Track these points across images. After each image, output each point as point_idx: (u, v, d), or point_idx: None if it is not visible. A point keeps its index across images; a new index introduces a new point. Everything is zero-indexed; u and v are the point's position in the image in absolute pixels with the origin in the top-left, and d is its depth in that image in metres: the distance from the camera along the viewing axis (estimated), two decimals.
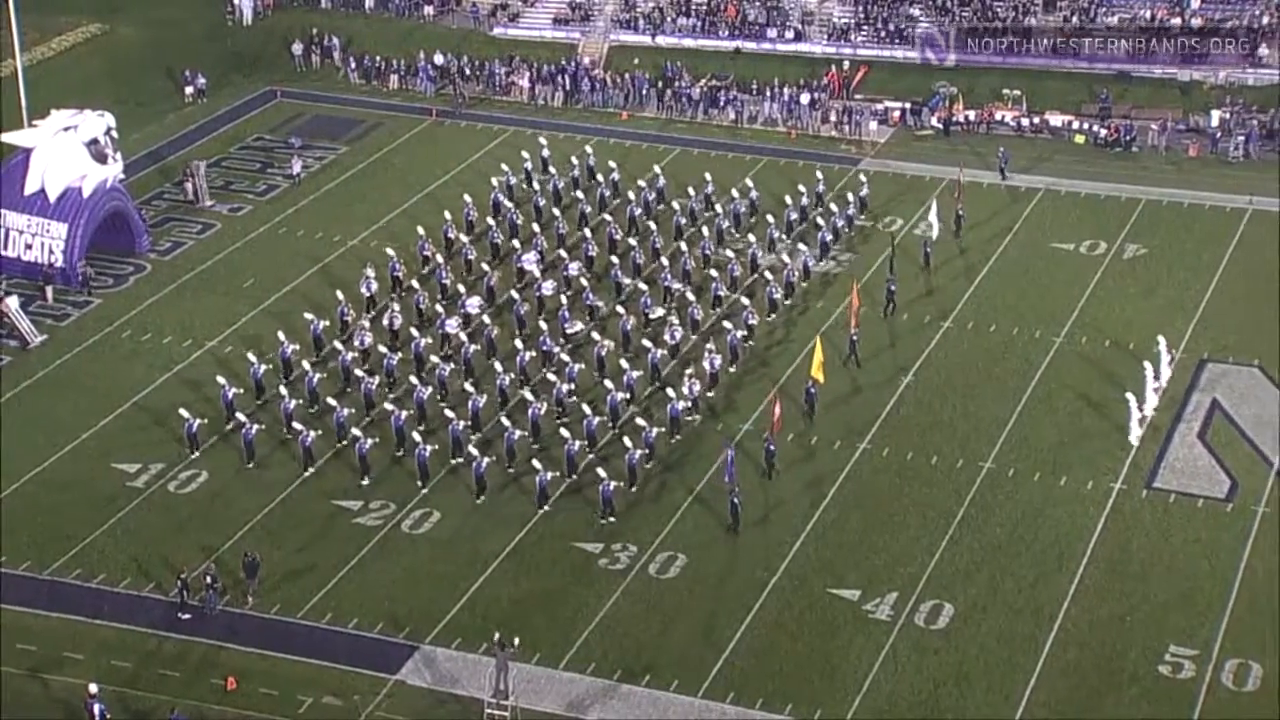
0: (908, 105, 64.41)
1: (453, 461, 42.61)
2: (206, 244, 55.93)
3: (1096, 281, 51.34)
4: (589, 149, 59.81)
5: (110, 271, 53.81)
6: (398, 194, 59.24)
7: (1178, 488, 41.38)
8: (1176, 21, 64.44)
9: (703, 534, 40.40)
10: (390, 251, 52.03)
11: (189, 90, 67.43)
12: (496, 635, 35.56)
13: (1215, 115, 61.13)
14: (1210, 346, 47.42)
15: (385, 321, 48.46)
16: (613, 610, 37.88)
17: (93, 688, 34.46)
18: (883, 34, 67.97)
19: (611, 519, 40.46)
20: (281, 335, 47.04)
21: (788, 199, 54.88)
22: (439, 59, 69.62)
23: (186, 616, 37.86)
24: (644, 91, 66.97)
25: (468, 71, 69.16)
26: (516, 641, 35.46)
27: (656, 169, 57.20)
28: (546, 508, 40.88)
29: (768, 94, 65.49)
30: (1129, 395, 42.86)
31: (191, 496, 42.39)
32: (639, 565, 39.32)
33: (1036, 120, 62.97)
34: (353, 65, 70.10)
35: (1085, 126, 62.20)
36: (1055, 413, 44.60)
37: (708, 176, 56.42)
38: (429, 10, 74.04)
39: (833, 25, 68.99)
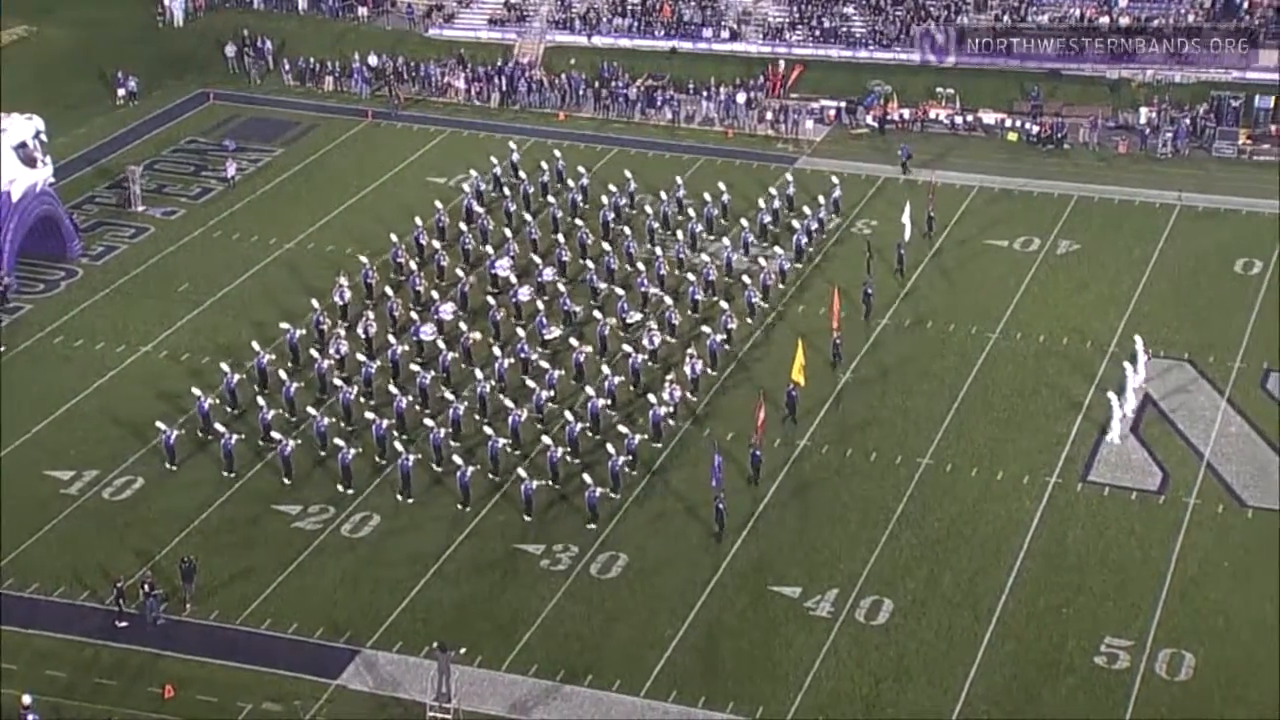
0: (843, 104, 64.83)
1: (436, 469, 42.23)
2: (139, 248, 55.33)
3: (1030, 278, 51.87)
4: (558, 153, 59.43)
5: (41, 277, 53.09)
6: (334, 196, 58.88)
7: (1111, 481, 41.89)
8: (1105, 20, 65.27)
9: (644, 534, 40.43)
10: (363, 259, 51.41)
11: (120, 93, 66.70)
12: (436, 643, 35.46)
13: (1144, 113, 61.97)
14: (1142, 340, 47.99)
15: (360, 329, 47.85)
16: (554, 611, 37.85)
17: (26, 698, 34.00)
18: (817, 33, 68.34)
19: (593, 525, 40.23)
20: (256, 345, 46.43)
21: (761, 202, 54.83)
22: (374, 60, 69.29)
23: (124, 625, 37.45)
24: (580, 92, 66.98)
25: (403, 73, 68.88)
26: (463, 651, 35.40)
27: (627, 173, 56.90)
28: (529, 517, 40.63)
29: (704, 93, 65.70)
30: (1110, 395, 43.16)
31: (126, 503, 41.93)
32: (580, 566, 39.31)
33: (970, 118, 63.57)
34: (287, 67, 69.63)
35: (1018, 124, 62.86)
36: (992, 408, 45.03)
37: (679, 180, 56.16)
38: (363, 11, 73.65)
39: (768, 25, 69.29)
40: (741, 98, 64.89)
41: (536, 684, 35.68)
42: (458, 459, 41.54)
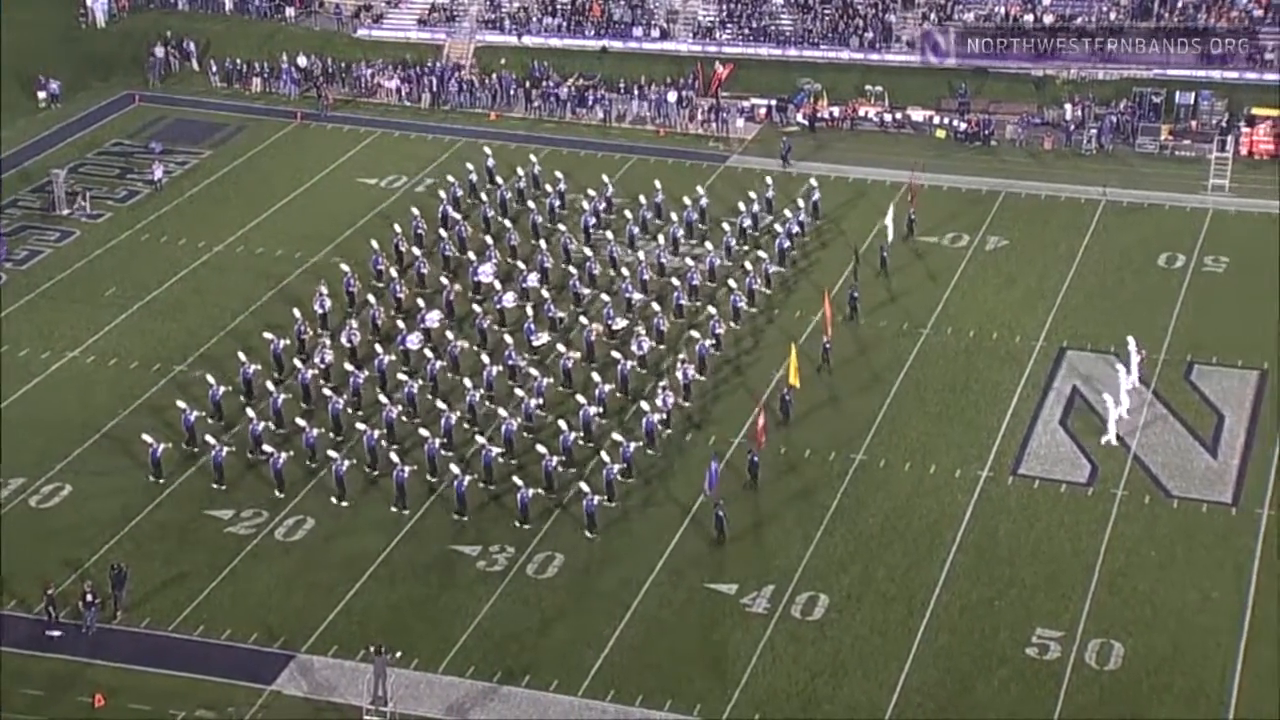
0: (773, 102, 65.17)
1: (430, 480, 41.86)
2: (65, 252, 54.63)
3: (960, 274, 52.39)
4: (534, 158, 59.13)
5: None
6: (264, 199, 58.44)
7: (1041, 474, 42.42)
8: (1029, 19, 66.05)
9: (580, 534, 40.45)
10: (345, 267, 50.89)
11: (42, 95, 65.78)
12: (372, 646, 35.30)
13: (1069, 109, 62.78)
14: (1069, 335, 48.66)
15: (344, 338, 47.22)
16: (491, 612, 37.79)
17: None
18: (746, 32, 68.65)
19: (593, 534, 39.99)
20: (242, 355, 45.82)
21: (741, 205, 54.79)
22: (302, 61, 68.79)
23: (58, 634, 36.91)
24: (511, 92, 66.86)
25: (333, 74, 68.44)
26: (399, 654, 35.27)
27: (605, 178, 56.73)
28: (527, 526, 40.35)
29: (635, 92, 65.80)
30: (1106, 396, 43.49)
31: (54, 511, 41.38)
32: (517, 566, 39.27)
33: (899, 115, 64.11)
34: (214, 68, 68.99)
35: (946, 121, 63.47)
36: (924, 404, 45.44)
37: (657, 184, 55.89)
38: (290, 12, 73.08)
39: (698, 24, 69.50)
40: (673, 96, 65.06)
41: (474, 685, 35.61)
42: (454, 468, 41.11)
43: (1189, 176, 58.78)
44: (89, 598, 37.08)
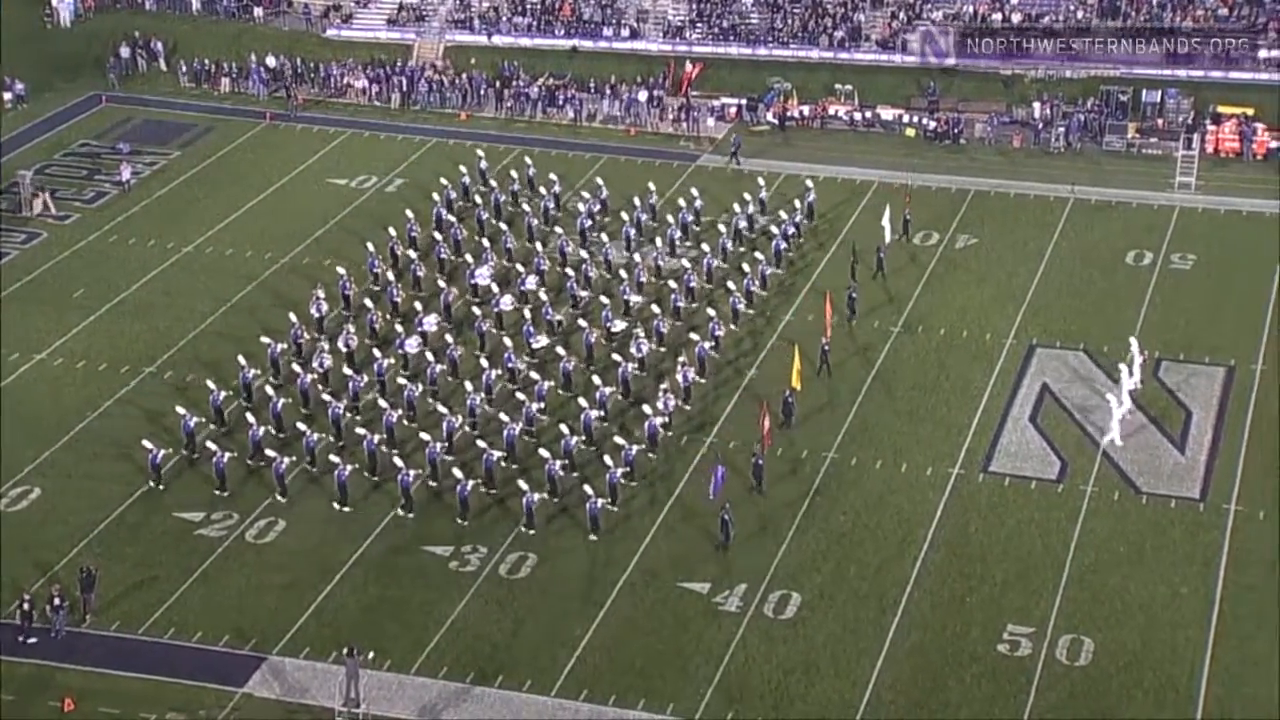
0: (744, 101, 65.27)
1: (432, 485, 41.62)
2: (32, 254, 54.29)
3: (930, 272, 52.55)
4: (529, 159, 58.93)
5: None
6: (233, 199, 58.20)
7: (1012, 470, 42.61)
8: (998, 18, 66.35)
9: (552, 533, 40.43)
10: (341, 270, 50.61)
11: (7, 96, 65.37)
12: (346, 647, 35.22)
13: (1037, 108, 63.07)
14: (1039, 332, 48.89)
15: (341, 343, 46.86)
16: (464, 613, 37.75)
17: None
18: (716, 31, 68.72)
19: (594, 537, 39.86)
20: (242, 360, 45.45)
21: (736, 207, 54.68)
22: (271, 61, 68.52)
23: (33, 640, 36.61)
24: (482, 91, 66.77)
25: (302, 73, 68.20)
26: (371, 655, 35.19)
27: (599, 180, 56.54)
28: (532, 530, 40.16)
29: (606, 92, 65.80)
30: (1110, 397, 43.57)
31: (24, 514, 41.11)
32: (489, 567, 39.24)
33: (868, 114, 64.29)
34: (183, 68, 68.68)
35: (915, 120, 63.69)
36: (895, 401, 45.58)
37: (651, 186, 55.76)
38: (259, 12, 72.78)
39: (668, 23, 69.54)
40: (643, 96, 65.10)
41: (446, 686, 35.56)
42: (457, 472, 40.93)
43: (1156, 174, 59.15)
44: (56, 601, 36.86)
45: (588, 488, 40.28)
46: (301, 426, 42.96)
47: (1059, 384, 46.18)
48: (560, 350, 46.14)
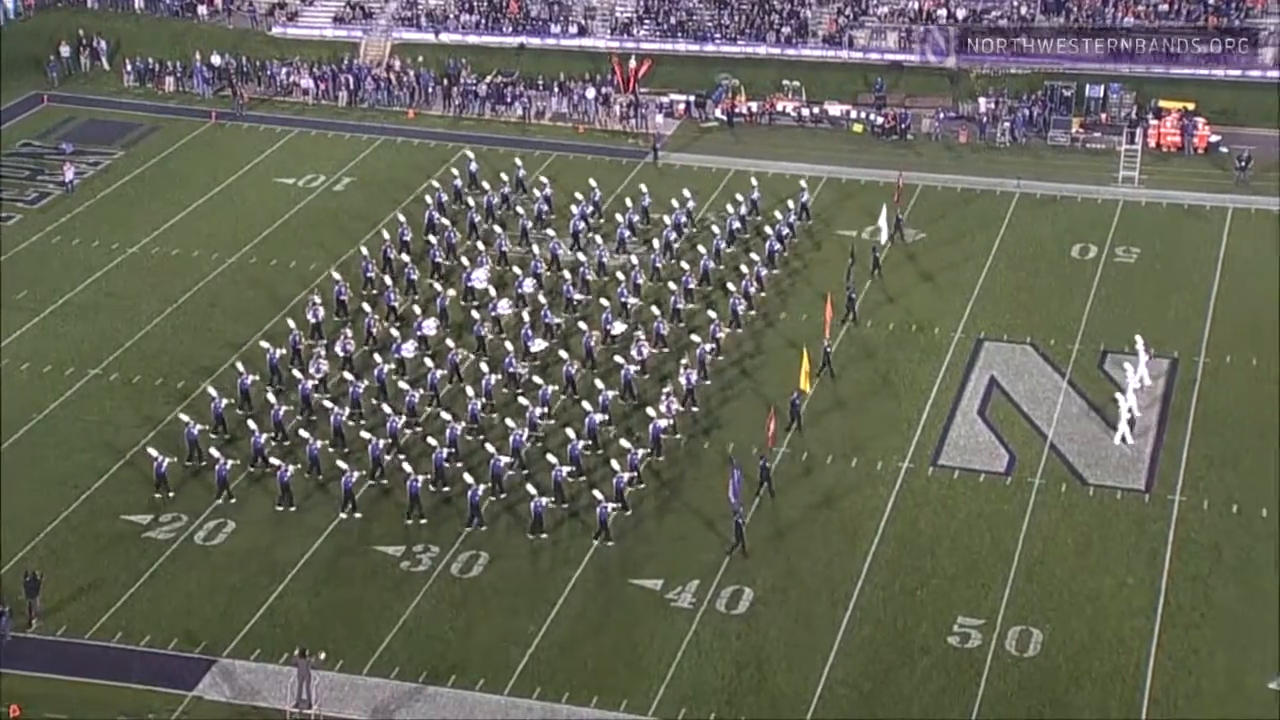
0: (692, 98, 65.38)
1: (444, 490, 41.23)
2: None
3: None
4: (518, 161, 58.64)
5: None
6: (179, 199, 57.77)
7: (961, 464, 42.91)
8: (943, 13, 66.78)
9: (504, 532, 40.38)
10: (336, 274, 50.14)
11: None
12: (297, 648, 35.05)
13: (982, 103, 63.53)
14: (986, 326, 49.25)
15: (338, 348, 46.40)
16: (416, 612, 37.64)
17: None
18: (664, 28, 68.79)
19: (610, 542, 39.66)
20: (240, 366, 44.97)
21: (729, 207, 54.53)
22: (216, 60, 68.00)
23: None
24: (429, 89, 66.54)
25: (248, 72, 67.73)
26: (322, 656, 35.04)
27: (592, 182, 56.24)
28: (544, 535, 39.91)
29: (555, 89, 65.72)
30: (1118, 396, 43.65)
31: None
32: (441, 566, 39.14)
33: (816, 110, 64.56)
34: (128, 68, 68.05)
35: (863, 115, 64.01)
36: (844, 397, 45.78)
37: (643, 188, 55.60)
38: (203, 10, 72.21)
39: (615, 20, 69.54)
40: (591, 93, 65.08)
41: (399, 686, 35.45)
42: (469, 477, 40.52)
43: (1100, 168, 59.72)
44: None
45: (597, 492, 40.09)
46: (304, 434, 42.48)
47: (1006, 377, 46.54)
48: (563, 354, 45.86)
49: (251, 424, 42.92)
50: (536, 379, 44.88)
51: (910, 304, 50.52)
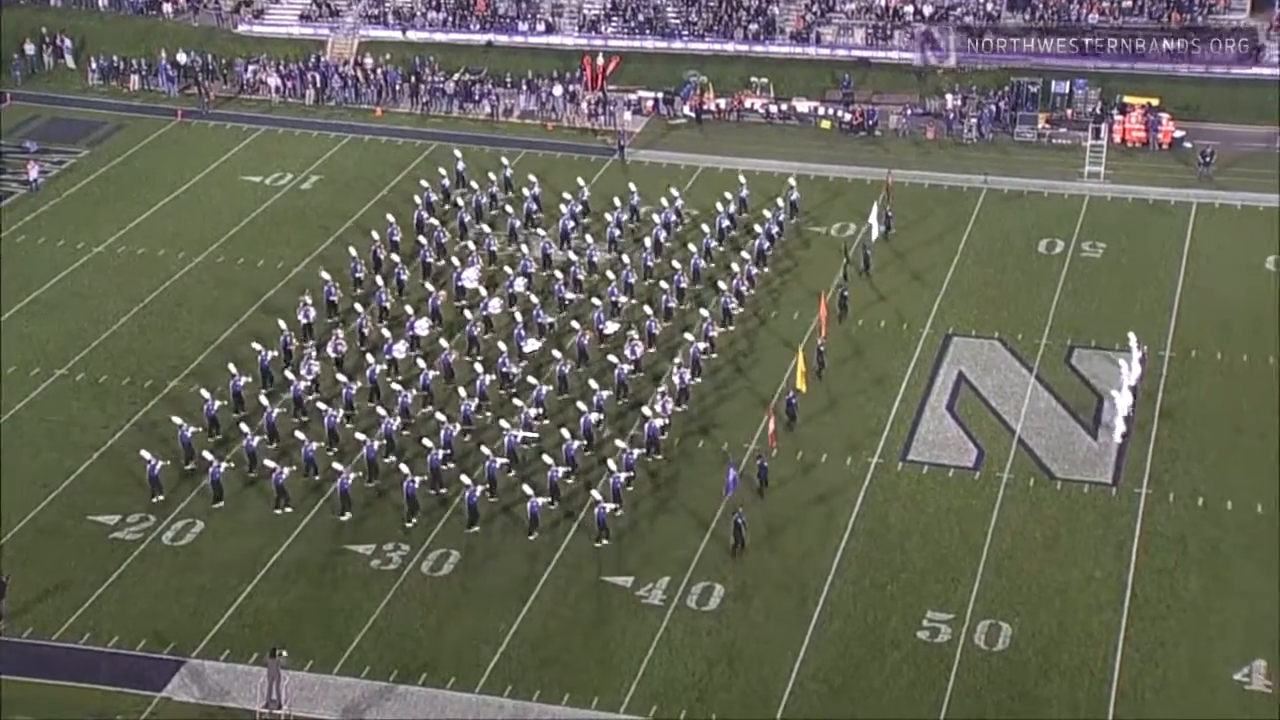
0: (660, 95, 65.39)
1: (441, 492, 41.04)
2: None
3: (847, 263, 52.89)
4: (505, 160, 58.40)
5: None
6: (145, 198, 57.45)
7: (930, 459, 43.09)
8: (910, 10, 67.00)
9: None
10: (325, 275, 49.88)
11: None
12: (272, 649, 34.93)
13: (949, 99, 63.78)
14: (954, 321, 49.45)
15: (330, 349, 46.18)
16: (386, 611, 37.56)
17: None
18: (632, 25, 68.79)
19: (606, 541, 39.56)
20: (233, 368, 44.61)
21: (719, 206, 54.46)
22: (181, 58, 67.61)
23: None
24: (397, 87, 66.35)
25: (213, 70, 67.38)
26: (284, 653, 34.93)
27: (580, 180, 56.11)
28: (534, 535, 39.79)
29: (523, 87, 65.62)
30: (1114, 393, 43.69)
31: None
32: (412, 564, 39.06)
33: (784, 107, 64.67)
34: (92, 65, 67.60)
35: (830, 112, 64.16)
36: (813, 392, 45.86)
37: (632, 187, 55.44)
38: (168, 8, 71.79)
39: (583, 17, 69.49)
40: (559, 90, 65.02)
41: (370, 685, 35.37)
42: (466, 479, 40.38)
43: (1066, 164, 60.01)
44: None
45: (595, 493, 40.01)
46: (300, 435, 42.21)
47: (975, 373, 46.74)
48: (556, 353, 45.75)
49: (244, 426, 42.70)
50: (531, 379, 44.67)
51: (879, 299, 50.60)
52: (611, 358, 45.82)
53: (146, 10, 71.99)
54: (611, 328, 47.44)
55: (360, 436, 42.34)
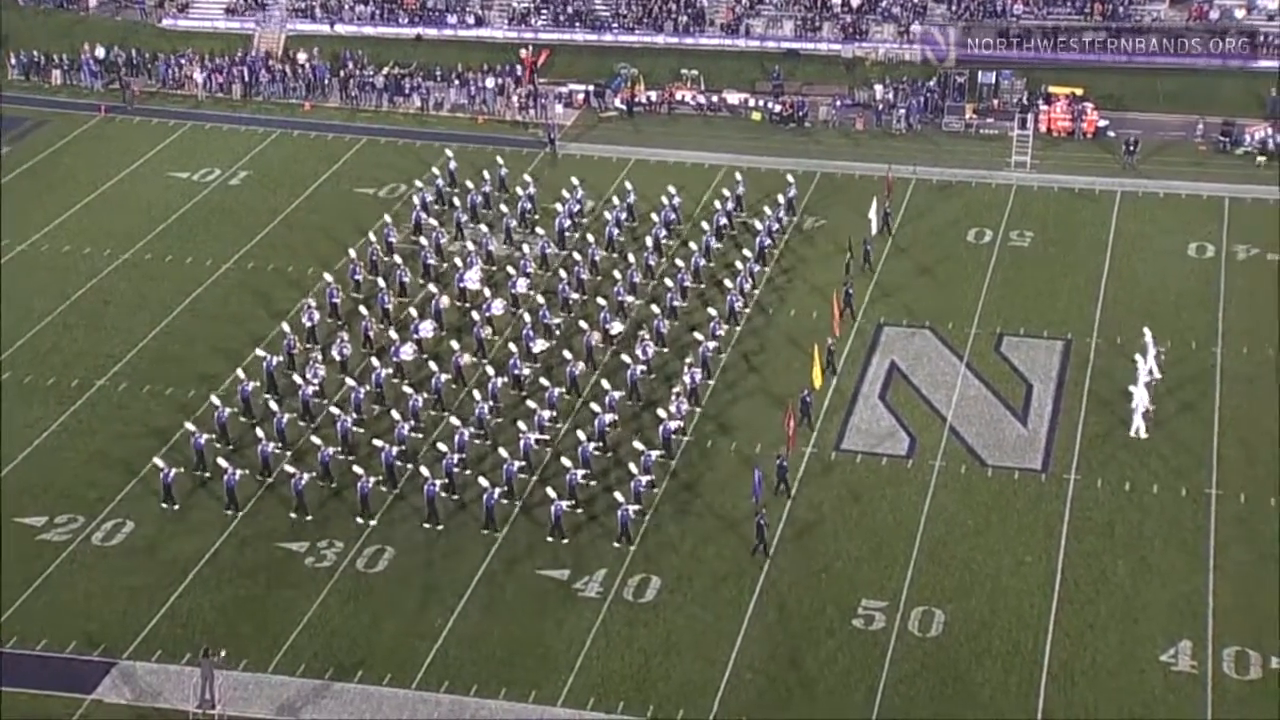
0: (591, 88, 65.34)
1: (454, 496, 40.68)
2: None
3: (780, 255, 53.19)
4: (500, 159, 57.86)
5: None
6: (70, 194, 56.66)
7: (863, 448, 43.38)
8: (837, 1, 67.36)
9: (410, 525, 40.16)
10: (328, 277, 49.20)
11: None
12: (204, 649, 34.61)
13: (879, 90, 64.20)
14: (886, 311, 49.82)
15: (335, 352, 45.53)
16: (321, 609, 37.33)
17: None
18: (562, 18, 68.68)
19: (631, 546, 39.23)
20: (241, 373, 44.00)
21: (716, 204, 54.27)
22: (100, 53, 66.68)
23: None
24: (325, 81, 65.84)
25: (137, 65, 66.53)
26: (223, 654, 34.64)
27: (574, 180, 55.70)
28: (565, 539, 39.41)
29: (453, 80, 65.33)
30: (1132, 389, 43.70)
31: None
32: (346, 561, 38.84)
33: (715, 99, 64.82)
34: (13, 61, 66.54)
35: (761, 104, 64.38)
36: (747, 382, 46.07)
37: (628, 185, 55.10)
38: (92, 2, 70.78)
39: (513, 9, 69.28)
40: (490, 83, 64.79)
41: (305, 684, 35.15)
42: (484, 481, 39.97)
43: (993, 153, 60.60)
44: None
45: (618, 495, 39.75)
46: (316, 440, 41.75)
47: (906, 361, 47.12)
48: (566, 354, 45.41)
49: (259, 431, 42.24)
50: (544, 381, 44.34)
51: (811, 290, 50.84)
52: (624, 357, 45.66)
53: (68, 4, 70.95)
54: (618, 328, 47.27)
55: (377, 443, 41.80)
